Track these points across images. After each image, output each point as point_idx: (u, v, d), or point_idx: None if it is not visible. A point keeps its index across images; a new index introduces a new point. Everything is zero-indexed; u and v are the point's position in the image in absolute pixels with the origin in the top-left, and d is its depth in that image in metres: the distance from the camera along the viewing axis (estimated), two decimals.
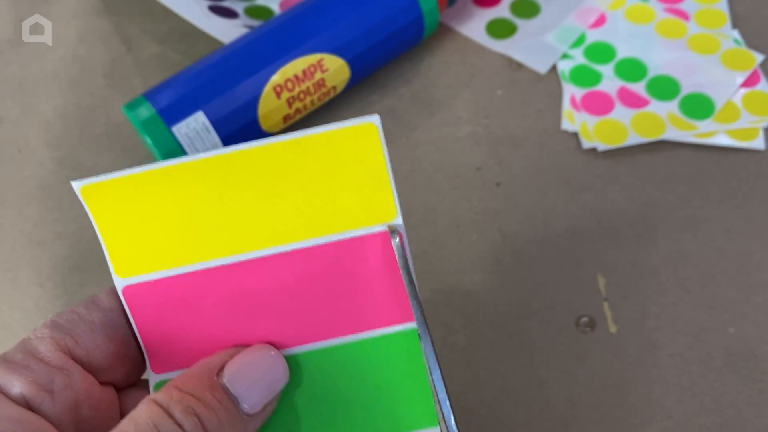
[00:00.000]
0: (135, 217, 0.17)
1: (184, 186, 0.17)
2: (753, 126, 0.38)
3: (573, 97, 0.40)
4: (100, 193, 0.17)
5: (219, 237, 0.17)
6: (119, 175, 0.17)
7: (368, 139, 0.18)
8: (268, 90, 0.35)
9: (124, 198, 0.17)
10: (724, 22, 0.42)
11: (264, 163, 0.17)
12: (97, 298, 0.18)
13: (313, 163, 0.17)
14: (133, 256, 0.17)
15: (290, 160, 0.17)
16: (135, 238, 0.17)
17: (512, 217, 0.37)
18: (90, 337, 0.18)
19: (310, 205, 0.17)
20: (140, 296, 0.18)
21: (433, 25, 0.40)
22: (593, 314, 0.34)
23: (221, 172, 0.17)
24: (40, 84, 0.42)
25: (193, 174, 0.17)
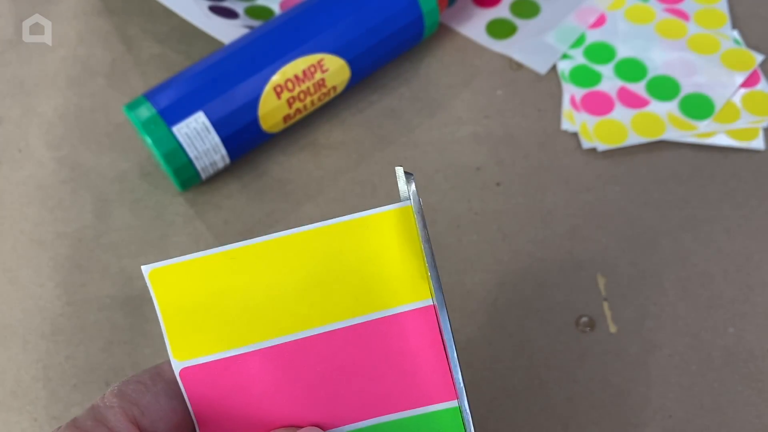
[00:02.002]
0: (194, 300, 0.18)
1: (241, 269, 0.18)
2: (753, 126, 0.38)
3: (573, 97, 0.40)
4: (166, 276, 0.18)
5: (270, 318, 0.18)
6: (185, 259, 0.18)
7: (405, 220, 0.19)
8: (268, 90, 0.35)
9: (186, 281, 0.18)
10: (724, 22, 0.42)
11: (313, 246, 0.18)
12: (161, 369, 0.19)
13: (358, 245, 0.18)
14: (190, 340, 0.18)
15: (337, 242, 0.18)
16: (193, 322, 0.18)
17: (512, 216, 0.37)
18: (155, 408, 0.18)
19: (354, 286, 0.19)
20: (195, 377, 0.19)
21: (433, 25, 0.40)
22: (593, 314, 0.34)
23: (274, 256, 0.18)
24: (41, 84, 0.42)
25: (250, 257, 0.18)
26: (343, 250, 0.18)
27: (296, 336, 0.19)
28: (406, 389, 0.19)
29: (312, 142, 0.40)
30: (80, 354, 0.34)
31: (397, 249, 0.19)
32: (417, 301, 0.19)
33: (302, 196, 0.38)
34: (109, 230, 0.37)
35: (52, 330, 0.34)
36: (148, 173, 0.39)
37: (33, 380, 0.33)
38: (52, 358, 0.34)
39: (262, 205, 0.38)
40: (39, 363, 0.34)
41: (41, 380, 0.33)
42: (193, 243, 0.37)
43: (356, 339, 0.19)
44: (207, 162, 0.36)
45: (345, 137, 0.40)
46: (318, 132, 0.40)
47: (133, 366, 0.33)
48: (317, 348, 0.19)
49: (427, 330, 0.19)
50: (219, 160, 0.36)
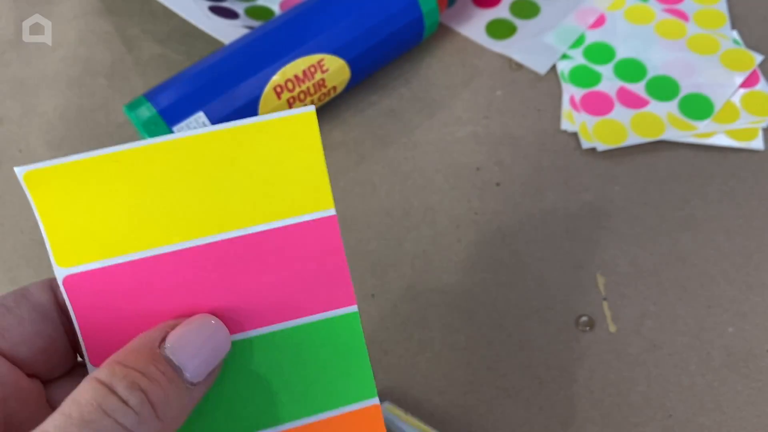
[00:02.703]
0: (77, 204, 0.17)
1: (128, 173, 0.17)
2: (752, 126, 0.38)
3: (572, 97, 0.40)
4: (44, 180, 0.17)
5: (162, 224, 0.17)
6: (64, 161, 0.17)
7: (307, 128, 0.18)
8: (268, 90, 0.36)
9: (66, 185, 0.17)
10: (724, 22, 0.42)
11: (207, 150, 0.17)
12: (28, 290, 0.18)
13: (255, 151, 0.18)
14: (75, 245, 0.17)
15: (233, 148, 0.17)
16: (76, 227, 0.17)
17: (512, 216, 0.37)
18: (17, 331, 0.17)
19: (252, 193, 0.18)
20: (81, 286, 0.17)
21: (433, 25, 0.40)
22: (593, 314, 0.34)
23: (165, 160, 0.17)
24: (41, 84, 0.42)
25: (137, 161, 0.17)
26: (242, 155, 0.17)
27: (192, 243, 0.18)
28: (307, 296, 0.19)
29: None
30: None
31: (298, 156, 0.18)
32: (319, 211, 0.19)
33: None
34: None
35: None
36: None
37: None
38: None
39: None
40: None
41: None
42: None
43: (256, 247, 0.18)
44: None
45: (345, 137, 0.40)
46: None
47: None
48: (215, 256, 0.18)
49: (328, 239, 0.19)
50: None
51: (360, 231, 0.37)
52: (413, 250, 0.36)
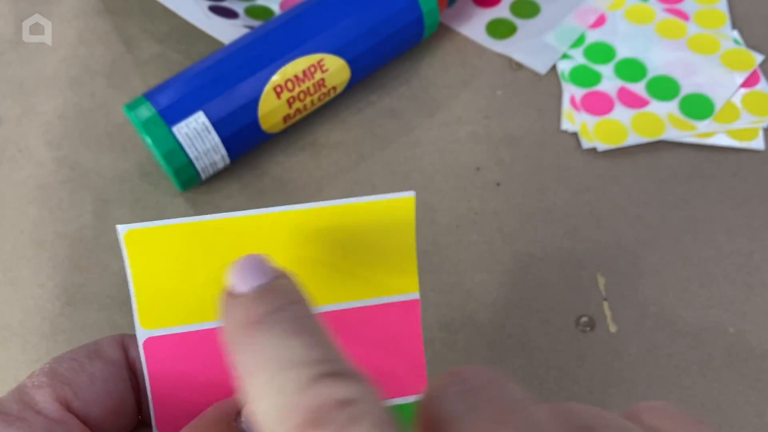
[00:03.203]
0: (169, 267, 0.17)
1: (224, 241, 0.17)
2: (753, 126, 0.38)
3: (573, 97, 0.40)
4: (142, 240, 0.17)
5: None
6: (166, 224, 0.17)
7: (405, 211, 0.18)
8: (268, 90, 0.35)
9: (163, 247, 0.17)
10: (724, 22, 0.42)
11: (304, 226, 0.17)
12: (100, 347, 0.17)
13: (352, 229, 0.17)
14: (160, 308, 0.17)
15: (331, 225, 0.17)
16: (164, 289, 0.17)
17: (512, 216, 0.37)
18: (89, 390, 0.17)
19: (342, 270, 0.18)
20: (159, 349, 0.17)
21: (433, 25, 0.40)
22: (593, 314, 0.34)
23: (261, 231, 0.17)
24: (41, 84, 0.42)
25: (236, 230, 0.17)
26: (339, 232, 0.17)
27: None
28: (382, 378, 0.18)
29: (312, 142, 0.40)
30: None
31: (392, 238, 0.18)
32: (405, 294, 0.19)
33: (302, 196, 0.38)
34: (108, 230, 0.37)
35: (51, 330, 0.34)
36: (148, 173, 0.39)
37: None
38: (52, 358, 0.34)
39: (262, 205, 0.37)
40: (39, 363, 0.34)
41: None
42: None
43: (338, 323, 0.18)
44: (207, 162, 0.36)
45: (345, 137, 0.40)
46: (318, 132, 0.40)
47: None
48: None
49: (409, 322, 0.19)
50: (219, 160, 0.36)
51: None
52: None
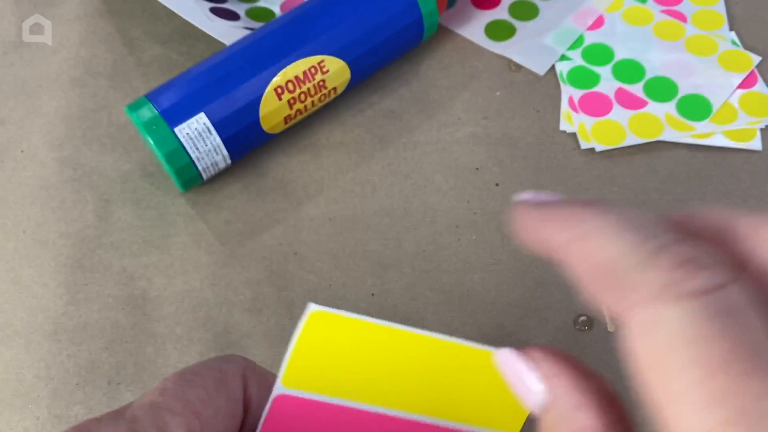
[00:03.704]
0: (325, 346, 0.19)
1: (375, 341, 0.19)
2: (750, 127, 0.39)
3: (571, 98, 0.40)
4: (320, 319, 0.19)
5: (372, 387, 0.20)
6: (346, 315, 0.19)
7: None
8: (269, 91, 0.36)
9: (332, 329, 0.19)
10: (722, 23, 0.42)
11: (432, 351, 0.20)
12: (226, 377, 0.18)
13: (467, 366, 0.20)
14: (302, 375, 0.19)
15: (451, 358, 0.20)
16: (313, 361, 0.19)
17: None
18: (213, 424, 0.17)
19: (452, 395, 0.20)
20: (285, 405, 0.19)
21: (433, 26, 0.40)
22: (591, 313, 0.34)
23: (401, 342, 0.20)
24: (43, 85, 0.43)
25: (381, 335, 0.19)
26: (453, 366, 0.20)
27: (386, 411, 0.20)
28: None
29: (312, 143, 0.40)
30: (82, 353, 0.34)
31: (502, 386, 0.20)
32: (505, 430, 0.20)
33: (303, 196, 0.38)
34: (111, 230, 0.37)
35: (54, 329, 0.35)
36: (149, 174, 0.39)
37: (35, 379, 0.34)
38: (54, 357, 0.34)
39: (263, 205, 0.38)
40: (41, 362, 0.34)
41: (43, 379, 0.33)
42: (195, 243, 0.37)
43: None
44: (208, 162, 0.36)
45: (345, 138, 0.40)
46: (318, 133, 0.40)
47: (134, 365, 0.34)
48: (396, 428, 0.20)
49: None
50: (220, 160, 0.36)
51: (360, 231, 0.37)
52: (413, 250, 0.36)
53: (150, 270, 0.36)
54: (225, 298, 0.35)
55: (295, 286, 0.35)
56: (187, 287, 0.36)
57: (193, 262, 0.36)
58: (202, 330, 0.34)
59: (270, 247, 0.37)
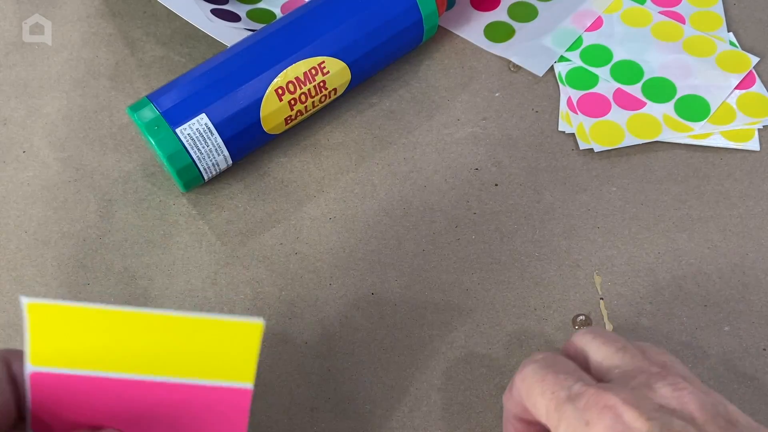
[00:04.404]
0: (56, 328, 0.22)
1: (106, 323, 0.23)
2: (748, 127, 0.39)
3: (570, 99, 0.41)
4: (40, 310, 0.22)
5: (115, 358, 0.23)
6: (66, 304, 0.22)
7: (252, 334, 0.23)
8: (270, 92, 0.36)
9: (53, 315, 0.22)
10: (720, 24, 0.43)
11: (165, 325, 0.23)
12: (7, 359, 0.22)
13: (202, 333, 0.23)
14: (48, 354, 0.22)
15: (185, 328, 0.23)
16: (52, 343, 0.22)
17: (510, 217, 0.37)
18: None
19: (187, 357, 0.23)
20: (41, 382, 0.22)
21: (433, 28, 0.41)
22: (590, 313, 0.34)
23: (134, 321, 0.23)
24: (45, 86, 0.43)
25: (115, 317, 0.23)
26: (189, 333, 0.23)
27: (129, 376, 0.23)
28: None
29: (313, 143, 0.40)
30: None
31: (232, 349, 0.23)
32: (237, 381, 0.23)
33: (303, 196, 0.38)
34: (112, 230, 0.38)
35: None
36: (151, 174, 0.39)
37: None
38: None
39: (264, 205, 0.38)
40: None
41: None
42: (196, 242, 0.37)
43: (170, 393, 0.23)
44: (210, 163, 0.36)
45: (345, 138, 0.40)
46: (319, 133, 0.41)
47: None
48: (141, 389, 0.23)
49: (236, 409, 0.23)
50: (221, 161, 0.37)
51: (360, 231, 0.37)
52: (413, 249, 0.36)
53: (151, 270, 0.36)
54: (226, 298, 0.35)
55: (296, 286, 0.36)
56: (188, 287, 0.36)
57: (195, 262, 0.37)
58: None
59: (271, 246, 0.37)
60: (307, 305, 0.35)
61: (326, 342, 0.34)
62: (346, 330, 0.34)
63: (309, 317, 0.35)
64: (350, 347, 0.34)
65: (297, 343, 0.34)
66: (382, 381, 0.33)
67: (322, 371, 0.33)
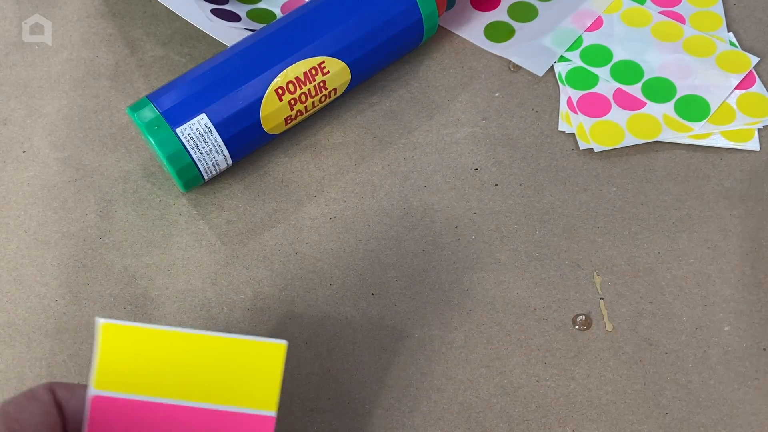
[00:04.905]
0: (123, 351, 0.24)
1: (167, 345, 0.25)
2: (748, 127, 0.39)
3: (570, 99, 0.41)
4: (113, 331, 0.24)
5: (166, 382, 0.25)
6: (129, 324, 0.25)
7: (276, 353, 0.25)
8: (270, 92, 0.36)
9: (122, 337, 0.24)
10: (720, 24, 0.43)
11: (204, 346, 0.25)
12: (35, 392, 0.24)
13: (230, 354, 0.25)
14: (110, 378, 0.24)
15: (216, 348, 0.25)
16: (117, 366, 0.24)
17: (510, 217, 0.37)
18: (30, 423, 0.23)
19: (216, 380, 0.25)
20: (101, 406, 0.24)
21: (432, 28, 0.41)
22: (590, 312, 0.34)
23: (189, 342, 0.25)
24: (45, 86, 0.43)
25: (177, 339, 0.25)
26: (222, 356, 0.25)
27: (172, 401, 0.25)
28: None
29: (313, 143, 0.40)
30: (84, 352, 0.34)
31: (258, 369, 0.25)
32: (261, 409, 0.25)
33: (303, 196, 0.38)
34: (112, 230, 0.38)
35: (56, 329, 0.35)
36: (151, 174, 0.39)
37: (37, 378, 0.34)
38: (56, 356, 0.34)
39: (264, 206, 0.38)
40: (43, 361, 0.34)
41: (45, 378, 0.34)
42: (196, 243, 0.37)
43: (199, 419, 0.25)
44: (210, 163, 0.36)
45: (345, 138, 0.40)
46: (319, 133, 0.41)
47: None
48: (177, 415, 0.25)
49: None
50: (221, 161, 0.37)
51: (360, 231, 0.37)
52: (413, 249, 0.36)
53: (151, 270, 0.36)
54: (226, 298, 0.35)
55: (296, 286, 0.36)
56: (188, 287, 0.36)
57: (195, 262, 0.37)
58: (203, 329, 0.35)
59: (271, 246, 0.37)
60: (307, 305, 0.35)
61: (326, 342, 0.34)
62: (346, 330, 0.34)
63: (309, 317, 0.35)
64: (350, 347, 0.34)
65: (297, 343, 0.34)
66: (382, 381, 0.33)
67: (322, 371, 0.33)
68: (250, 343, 0.25)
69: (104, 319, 0.24)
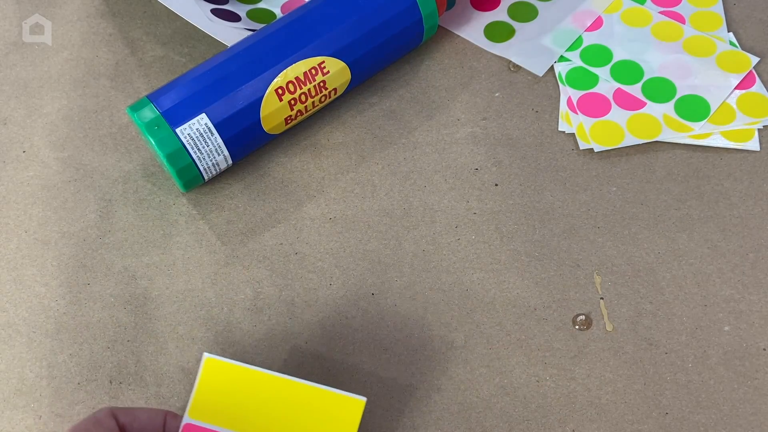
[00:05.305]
0: (219, 386, 0.27)
1: (259, 386, 0.27)
2: (748, 127, 0.39)
3: (570, 99, 0.41)
4: (214, 366, 0.28)
5: (251, 422, 0.27)
6: (230, 362, 0.28)
7: (355, 408, 0.28)
8: (270, 92, 0.36)
9: (221, 373, 0.28)
10: (720, 24, 0.43)
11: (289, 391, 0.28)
12: (99, 417, 0.25)
13: (317, 403, 0.28)
14: (204, 409, 0.27)
15: (305, 396, 0.28)
16: (211, 399, 0.27)
17: (510, 216, 0.37)
18: None
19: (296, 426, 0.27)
20: None
21: (433, 28, 0.41)
22: (590, 312, 0.34)
23: (276, 386, 0.28)
24: (45, 86, 0.43)
25: (261, 379, 0.27)
26: (300, 402, 0.27)
27: None
28: None
29: (313, 143, 0.40)
30: (84, 352, 0.34)
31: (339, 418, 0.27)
32: None
33: (303, 196, 0.38)
34: (112, 230, 0.38)
35: (56, 328, 0.35)
36: (151, 174, 0.39)
37: (37, 378, 0.34)
38: (56, 356, 0.34)
39: (264, 205, 0.38)
40: (43, 361, 0.34)
41: (45, 378, 0.34)
42: (196, 243, 0.37)
43: None
44: (210, 163, 0.36)
45: (345, 138, 0.40)
46: (319, 133, 0.41)
47: (136, 364, 0.34)
48: None
49: None
50: (221, 161, 0.37)
51: (360, 231, 0.37)
52: (413, 249, 0.36)
53: (151, 269, 0.36)
54: (226, 298, 0.35)
55: (296, 286, 0.36)
56: (188, 286, 0.36)
57: (195, 262, 0.37)
58: (203, 329, 0.35)
59: (271, 246, 0.37)
60: (307, 305, 0.35)
61: (326, 342, 0.34)
62: (346, 330, 0.34)
63: (309, 317, 0.35)
64: (350, 347, 0.34)
65: (297, 343, 0.34)
66: (382, 381, 0.33)
67: (322, 371, 0.33)
68: (333, 394, 0.28)
69: (210, 354, 0.27)
